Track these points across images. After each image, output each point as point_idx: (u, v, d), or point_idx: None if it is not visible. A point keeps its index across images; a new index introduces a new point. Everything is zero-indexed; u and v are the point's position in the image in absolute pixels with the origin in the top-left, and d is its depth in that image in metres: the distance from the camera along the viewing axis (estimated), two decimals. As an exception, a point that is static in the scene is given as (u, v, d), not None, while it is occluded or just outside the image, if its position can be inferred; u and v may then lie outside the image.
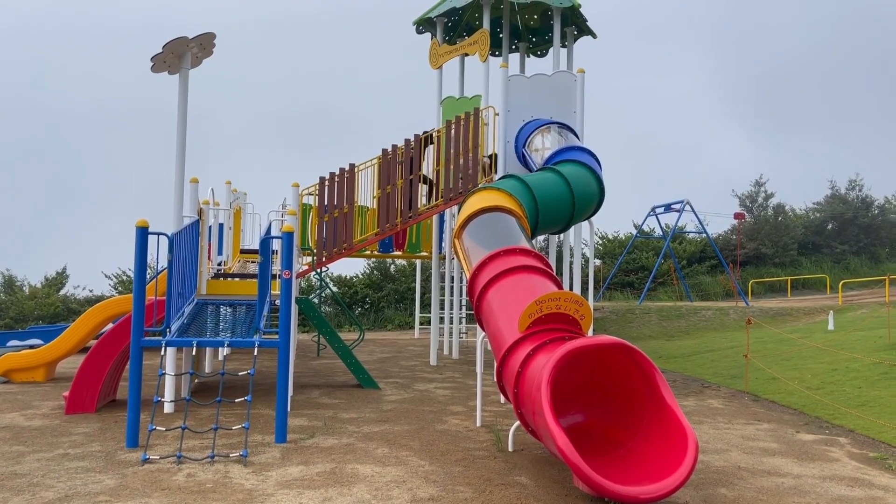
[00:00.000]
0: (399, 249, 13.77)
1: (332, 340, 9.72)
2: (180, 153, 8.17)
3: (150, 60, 7.94)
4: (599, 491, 4.48)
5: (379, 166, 10.34)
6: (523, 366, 5.44)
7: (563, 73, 11.18)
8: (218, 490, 5.07)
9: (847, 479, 5.54)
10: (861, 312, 16.95)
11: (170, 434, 6.62)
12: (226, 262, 11.78)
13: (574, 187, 8.92)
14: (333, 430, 7.06)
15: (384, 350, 15.10)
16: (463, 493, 5.07)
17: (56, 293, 22.71)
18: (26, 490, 5.05)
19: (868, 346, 11.12)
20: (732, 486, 5.33)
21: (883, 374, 8.98)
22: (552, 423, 4.63)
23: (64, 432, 6.93)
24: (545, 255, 7.38)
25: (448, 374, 11.39)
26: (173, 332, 6.86)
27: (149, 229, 6.41)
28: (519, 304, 5.98)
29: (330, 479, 5.38)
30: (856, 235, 30.14)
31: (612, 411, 5.58)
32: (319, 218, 10.02)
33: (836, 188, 32.13)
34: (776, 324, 16.66)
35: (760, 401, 8.91)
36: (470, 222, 7.86)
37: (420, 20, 13.50)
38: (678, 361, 12.70)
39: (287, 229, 6.99)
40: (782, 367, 10.59)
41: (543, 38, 14.54)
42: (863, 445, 6.62)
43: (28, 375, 10.36)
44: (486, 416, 7.67)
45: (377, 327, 21.91)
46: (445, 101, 13.19)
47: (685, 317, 18.85)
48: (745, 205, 31.71)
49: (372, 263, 24.82)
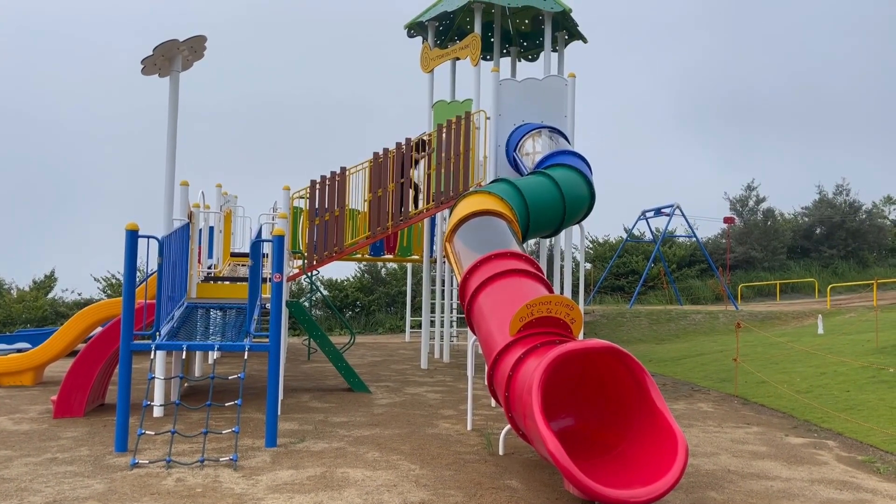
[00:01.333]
0: (390, 253, 13.76)
1: (323, 344, 9.70)
2: (170, 156, 8.14)
3: (141, 63, 7.91)
4: (590, 494, 4.49)
5: (370, 170, 10.35)
6: (514, 369, 5.45)
7: (554, 78, 11.22)
8: (208, 494, 5.04)
9: (836, 482, 5.57)
10: (849, 316, 17.07)
11: (159, 438, 6.59)
12: (216, 265, 11.75)
13: (565, 191, 8.95)
14: (324, 434, 7.04)
15: (375, 354, 15.08)
16: (454, 496, 5.06)
17: (44, 296, 22.54)
18: (14, 495, 5.01)
19: (856, 349, 11.20)
20: (722, 490, 5.35)
21: (871, 377, 9.05)
22: (543, 427, 4.63)
23: (52, 437, 6.88)
24: (536, 259, 7.40)
25: (439, 377, 11.39)
26: (163, 336, 6.84)
27: (139, 232, 6.38)
28: (510, 308, 5.98)
29: (320, 483, 5.36)
30: (844, 240, 30.34)
31: (602, 415, 5.59)
32: (310, 221, 10.00)
33: (824, 193, 32.38)
34: (765, 327, 16.75)
35: (750, 404, 8.95)
36: (461, 226, 7.87)
37: (411, 24, 13.52)
38: (668, 365, 12.75)
39: (278, 233, 6.97)
40: (771, 370, 10.65)
41: (534, 42, 14.59)
42: (851, 449, 6.66)
43: (16, 379, 10.28)
44: (476, 420, 7.67)
45: (368, 331, 21.88)
46: (437, 105, 13.21)
47: (675, 320, 18.92)
48: (736, 209, 31.88)
49: (363, 267, 24.80)
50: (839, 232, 30.44)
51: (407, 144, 10.58)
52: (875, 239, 31.16)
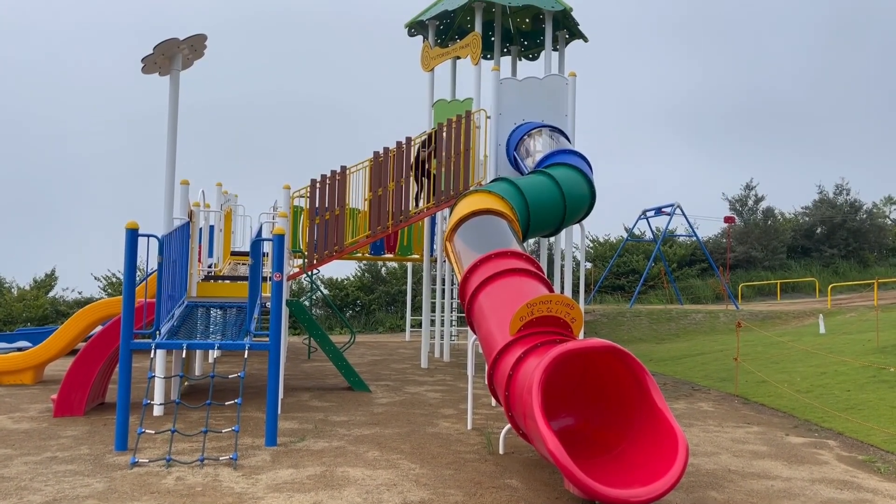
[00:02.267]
0: (390, 252, 13.76)
1: (323, 343, 9.69)
2: (171, 155, 8.13)
3: (141, 62, 7.90)
4: (590, 494, 4.49)
5: (370, 169, 10.34)
6: (514, 369, 5.45)
7: (555, 77, 11.21)
8: (207, 493, 5.04)
9: (836, 481, 5.57)
10: (850, 316, 17.07)
11: (159, 437, 6.58)
12: (216, 264, 11.75)
13: (565, 190, 8.95)
14: (324, 433, 7.03)
15: (375, 353, 15.07)
16: (454, 496, 5.06)
17: (45, 295, 22.56)
18: (14, 494, 5.00)
19: (856, 349, 11.19)
20: (722, 489, 5.34)
21: (871, 377, 9.04)
22: (543, 426, 4.63)
23: (52, 435, 6.88)
24: (536, 259, 7.39)
25: (439, 376, 11.39)
26: (163, 335, 6.83)
27: (139, 231, 6.38)
28: (510, 307, 5.98)
29: (320, 482, 5.36)
30: (844, 239, 30.34)
31: (602, 414, 5.59)
32: (310, 220, 10.00)
33: (825, 192, 32.37)
34: (766, 327, 16.75)
35: (750, 404, 8.94)
36: (461, 225, 7.87)
37: (412, 23, 13.51)
38: (668, 364, 12.74)
39: (278, 231, 6.96)
40: (772, 370, 10.64)
41: (535, 41, 14.58)
42: (851, 448, 6.66)
43: (16, 378, 10.28)
44: (476, 419, 7.67)
45: (368, 330, 21.88)
46: (437, 104, 13.19)
47: (675, 320, 18.92)
48: (736, 208, 31.88)
49: (363, 266, 24.80)
50: (840, 231, 30.44)
51: (407, 144, 10.57)
52: (876, 238, 31.17)
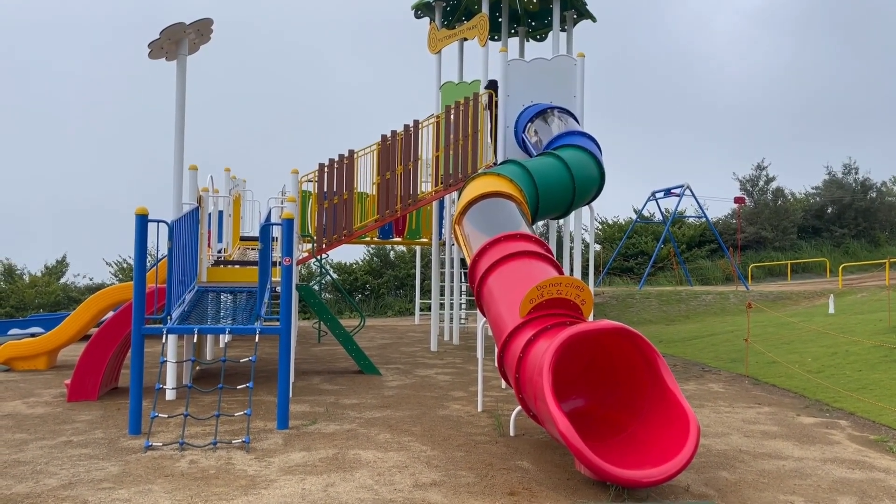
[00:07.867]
0: (399, 236, 13.75)
1: (333, 327, 9.73)
2: (179, 140, 8.12)
3: (148, 47, 7.88)
4: (601, 475, 4.50)
5: (378, 152, 10.31)
6: (524, 351, 5.44)
7: (563, 58, 11.10)
8: (221, 476, 5.08)
9: (848, 461, 5.56)
10: (861, 296, 16.98)
11: (172, 421, 6.64)
12: (226, 249, 11.77)
13: (574, 172, 8.89)
14: (335, 416, 7.07)
15: (385, 336, 15.12)
16: (465, 477, 5.08)
17: (56, 281, 22.73)
18: (30, 478, 5.06)
19: (868, 329, 11.14)
20: (734, 470, 5.35)
21: (883, 357, 9.00)
22: (554, 408, 4.63)
23: (66, 420, 6.95)
24: (545, 241, 7.37)
25: (449, 359, 11.42)
26: (174, 320, 6.86)
27: (148, 217, 6.39)
28: (520, 290, 5.97)
29: (332, 464, 5.39)
30: (854, 219, 30.12)
31: (613, 395, 5.59)
32: (319, 205, 9.99)
33: (833, 173, 32.09)
34: (776, 308, 16.68)
35: (761, 384, 8.93)
36: (470, 208, 7.84)
37: (418, 4, 13.40)
38: (678, 346, 12.73)
39: (287, 216, 6.96)
40: (782, 350, 10.61)
41: (543, 22, 14.44)
42: (863, 428, 6.64)
43: (30, 364, 10.38)
44: (487, 402, 7.69)
45: (377, 314, 21.95)
46: (445, 86, 13.12)
47: (685, 301, 18.87)
48: (746, 189, 31.65)
49: (372, 250, 24.82)
50: (850, 211, 30.21)
51: (415, 126, 10.52)
52: (886, 218, 30.92)
